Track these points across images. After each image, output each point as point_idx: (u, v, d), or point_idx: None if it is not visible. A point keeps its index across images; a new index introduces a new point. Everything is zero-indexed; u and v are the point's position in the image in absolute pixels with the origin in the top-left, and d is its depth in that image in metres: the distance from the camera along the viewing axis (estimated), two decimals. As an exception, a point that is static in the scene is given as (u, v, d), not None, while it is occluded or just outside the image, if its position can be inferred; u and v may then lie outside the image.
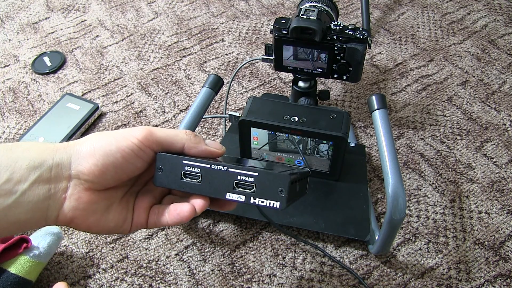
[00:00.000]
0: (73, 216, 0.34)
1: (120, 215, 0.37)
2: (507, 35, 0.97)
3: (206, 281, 0.61)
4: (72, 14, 1.07)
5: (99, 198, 0.35)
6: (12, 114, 0.85)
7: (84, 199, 0.34)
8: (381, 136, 0.57)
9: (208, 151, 0.38)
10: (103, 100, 0.87)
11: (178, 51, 0.96)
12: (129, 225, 0.38)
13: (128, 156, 0.34)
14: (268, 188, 0.33)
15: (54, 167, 0.33)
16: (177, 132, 0.37)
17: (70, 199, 0.34)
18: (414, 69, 0.90)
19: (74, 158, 0.34)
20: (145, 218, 0.38)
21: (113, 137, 0.35)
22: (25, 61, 0.95)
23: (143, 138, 0.35)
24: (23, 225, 0.33)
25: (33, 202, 0.32)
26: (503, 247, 0.63)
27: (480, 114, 0.81)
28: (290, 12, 1.05)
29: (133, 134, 0.35)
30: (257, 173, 0.33)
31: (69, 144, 0.35)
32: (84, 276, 0.62)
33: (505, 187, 0.70)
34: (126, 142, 0.34)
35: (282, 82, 0.89)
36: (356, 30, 0.61)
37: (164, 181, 0.36)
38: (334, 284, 0.60)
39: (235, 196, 0.34)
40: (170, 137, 0.36)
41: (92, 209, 0.35)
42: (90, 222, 0.35)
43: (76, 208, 0.34)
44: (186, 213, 0.35)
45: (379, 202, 0.69)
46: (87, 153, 0.34)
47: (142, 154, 0.35)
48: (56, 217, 0.34)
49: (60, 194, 0.34)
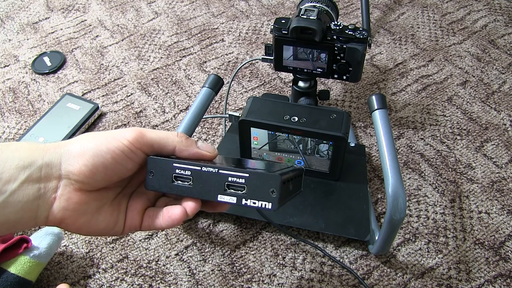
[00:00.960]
0: (62, 217, 0.34)
1: (112, 217, 0.37)
2: (507, 35, 0.97)
3: (206, 281, 0.61)
4: (72, 14, 1.07)
5: (90, 199, 0.35)
6: (12, 114, 0.85)
7: (74, 199, 0.34)
8: (381, 136, 0.57)
9: (199, 154, 0.37)
10: (103, 100, 0.87)
11: (178, 51, 0.96)
12: (121, 227, 0.37)
13: (118, 158, 0.34)
14: (259, 189, 0.33)
15: (44, 167, 0.33)
16: (168, 134, 0.37)
17: (60, 200, 0.34)
18: (414, 69, 0.90)
19: (64, 158, 0.34)
20: (139, 221, 0.38)
21: (104, 137, 0.34)
22: (25, 61, 0.95)
23: (134, 140, 0.35)
24: (12, 225, 0.33)
25: (22, 202, 0.32)
26: (503, 247, 0.64)
27: (480, 114, 0.81)
28: (290, 12, 1.05)
29: (124, 136, 0.35)
30: (248, 174, 0.33)
31: (60, 144, 0.35)
32: (84, 276, 0.62)
33: (505, 187, 0.70)
34: (117, 143, 0.34)
35: (282, 82, 0.89)
36: (356, 30, 0.61)
37: (156, 185, 0.36)
38: (334, 284, 0.60)
39: (227, 198, 0.34)
40: (161, 139, 0.36)
41: (82, 210, 0.35)
42: (80, 223, 0.35)
43: (66, 209, 0.34)
44: (177, 215, 0.35)
45: (379, 202, 0.69)
46: (77, 153, 0.34)
47: (133, 156, 0.35)
48: (46, 217, 0.34)
49: (50, 194, 0.33)
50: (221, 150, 0.72)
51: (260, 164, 0.43)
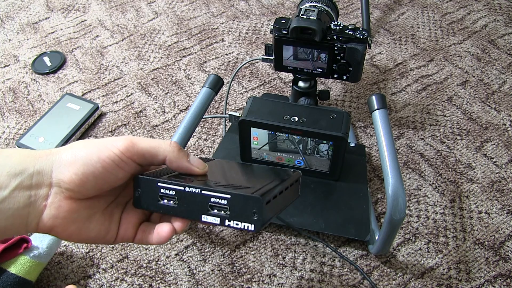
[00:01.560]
0: (53, 225, 0.34)
1: (103, 226, 0.37)
2: (507, 35, 0.97)
3: (206, 281, 0.61)
4: (72, 14, 1.07)
5: (80, 207, 0.35)
6: (12, 114, 0.85)
7: (64, 208, 0.34)
8: (381, 136, 0.57)
9: (188, 169, 0.37)
10: (103, 100, 0.87)
11: (178, 51, 0.96)
12: (113, 236, 0.37)
13: (108, 167, 0.34)
14: (242, 210, 0.32)
15: (35, 175, 0.33)
16: (160, 143, 0.36)
17: (51, 208, 0.34)
18: (414, 69, 0.90)
19: (55, 166, 0.34)
20: (132, 234, 0.38)
21: (96, 146, 0.34)
22: (25, 61, 0.95)
23: (125, 149, 0.34)
24: (2, 231, 0.33)
25: (13, 209, 0.32)
26: (503, 247, 0.64)
27: (480, 114, 0.81)
28: (290, 12, 1.05)
29: (115, 145, 0.34)
30: (230, 196, 0.32)
31: (52, 151, 0.35)
32: (84, 276, 0.62)
33: (505, 187, 0.70)
34: (107, 153, 0.34)
35: (282, 82, 0.89)
36: (356, 30, 0.61)
37: (144, 204, 0.36)
38: (334, 284, 0.60)
39: (210, 219, 0.33)
40: (153, 148, 0.36)
41: (72, 218, 0.35)
42: (71, 231, 0.35)
43: (56, 217, 0.34)
44: (165, 233, 0.36)
45: (379, 202, 0.69)
46: (69, 161, 0.34)
47: (124, 165, 0.35)
48: (36, 224, 0.34)
49: (41, 201, 0.33)
50: (221, 150, 0.72)
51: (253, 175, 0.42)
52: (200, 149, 0.77)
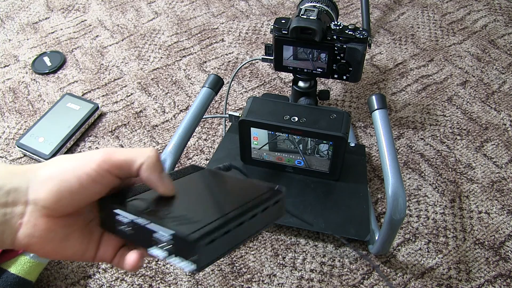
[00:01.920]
0: (28, 243, 0.33)
1: (81, 245, 0.36)
2: (507, 35, 0.97)
3: (206, 281, 0.61)
4: (72, 14, 1.07)
5: (57, 226, 0.34)
6: (12, 114, 0.85)
7: (40, 226, 0.33)
8: (381, 136, 0.57)
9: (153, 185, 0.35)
10: (103, 100, 0.87)
11: (178, 51, 0.96)
12: (92, 256, 0.37)
13: (84, 182, 0.33)
14: (184, 248, 0.30)
15: (11, 192, 0.32)
16: (139, 150, 0.35)
17: (27, 226, 0.33)
18: (414, 69, 0.90)
19: (32, 183, 0.33)
20: (111, 256, 0.37)
21: (72, 161, 0.34)
22: (25, 61, 0.95)
23: (101, 162, 0.33)
24: None
25: None
26: (503, 247, 0.64)
27: (480, 114, 0.81)
28: (290, 12, 1.05)
29: (92, 158, 0.34)
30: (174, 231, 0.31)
31: (30, 168, 0.34)
32: (84, 276, 0.62)
33: (505, 187, 0.70)
34: (83, 168, 0.33)
35: (282, 82, 0.89)
36: (356, 30, 0.61)
37: (107, 227, 0.36)
38: (334, 284, 0.60)
39: (155, 252, 0.32)
40: (129, 158, 0.34)
41: (49, 237, 0.34)
42: (48, 250, 0.34)
43: (32, 236, 0.33)
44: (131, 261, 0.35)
45: (379, 202, 0.69)
46: (45, 178, 0.33)
47: (100, 179, 0.34)
48: (11, 241, 0.33)
49: (16, 220, 0.33)
50: (221, 150, 0.72)
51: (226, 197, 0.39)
52: (200, 149, 0.77)
